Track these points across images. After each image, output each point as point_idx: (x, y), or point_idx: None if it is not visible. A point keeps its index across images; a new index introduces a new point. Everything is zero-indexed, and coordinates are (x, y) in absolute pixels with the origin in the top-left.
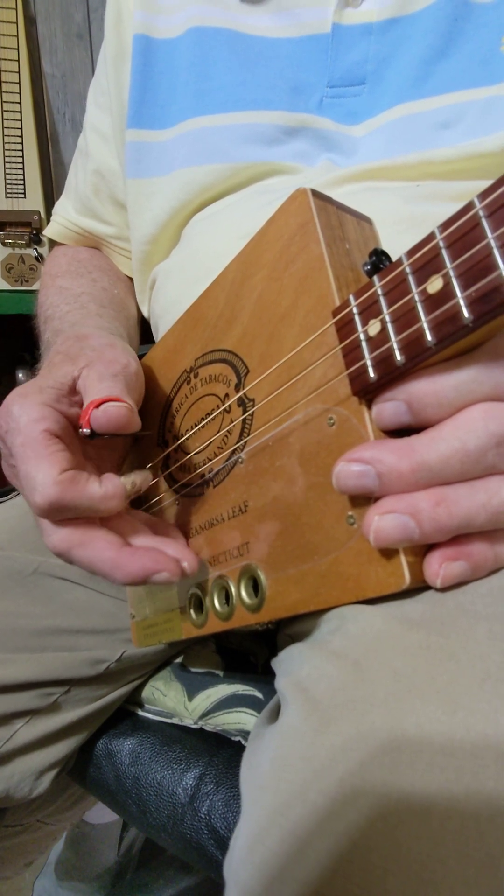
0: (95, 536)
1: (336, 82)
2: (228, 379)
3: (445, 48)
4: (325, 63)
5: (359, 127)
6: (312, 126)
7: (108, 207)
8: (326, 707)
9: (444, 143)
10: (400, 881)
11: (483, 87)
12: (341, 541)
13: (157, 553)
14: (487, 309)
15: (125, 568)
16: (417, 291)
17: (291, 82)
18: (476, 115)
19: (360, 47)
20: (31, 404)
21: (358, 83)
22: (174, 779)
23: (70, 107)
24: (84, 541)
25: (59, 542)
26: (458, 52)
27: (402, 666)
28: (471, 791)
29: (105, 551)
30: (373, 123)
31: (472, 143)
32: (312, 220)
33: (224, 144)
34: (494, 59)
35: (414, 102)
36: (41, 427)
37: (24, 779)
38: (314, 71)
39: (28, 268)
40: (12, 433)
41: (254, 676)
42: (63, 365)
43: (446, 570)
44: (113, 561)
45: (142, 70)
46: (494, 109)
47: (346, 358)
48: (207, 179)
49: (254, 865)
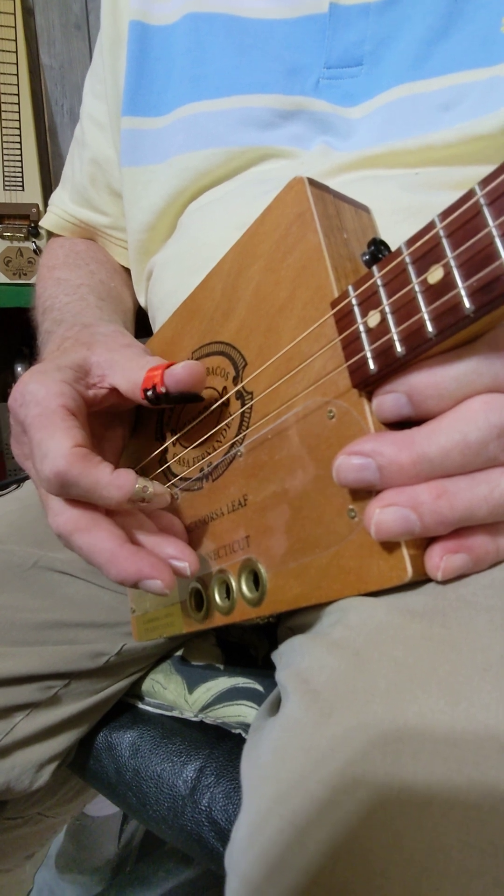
0: (100, 525)
1: (333, 63)
2: (226, 372)
3: (445, 29)
4: (321, 44)
5: (356, 109)
6: (308, 109)
7: (104, 197)
8: (327, 698)
9: (443, 125)
10: (401, 869)
11: (484, 67)
12: (342, 534)
13: (157, 560)
14: (489, 299)
15: (121, 564)
16: (417, 282)
17: (288, 64)
18: (477, 96)
19: (357, 27)
20: (50, 380)
21: (355, 64)
22: (174, 771)
23: (68, 98)
24: (88, 526)
25: (64, 524)
26: (458, 33)
27: (403, 656)
28: (473, 781)
29: (106, 542)
30: (370, 105)
31: (472, 124)
32: (309, 210)
33: (220, 129)
34: (495, 40)
35: (413, 84)
36: (59, 401)
37: (24, 771)
38: (311, 52)
39: (26, 261)
40: (28, 405)
41: (254, 669)
42: (76, 348)
43: (447, 562)
44: (111, 553)
45: (137, 57)
46: (495, 90)
47: (346, 350)
48: (204, 165)
49: (254, 854)
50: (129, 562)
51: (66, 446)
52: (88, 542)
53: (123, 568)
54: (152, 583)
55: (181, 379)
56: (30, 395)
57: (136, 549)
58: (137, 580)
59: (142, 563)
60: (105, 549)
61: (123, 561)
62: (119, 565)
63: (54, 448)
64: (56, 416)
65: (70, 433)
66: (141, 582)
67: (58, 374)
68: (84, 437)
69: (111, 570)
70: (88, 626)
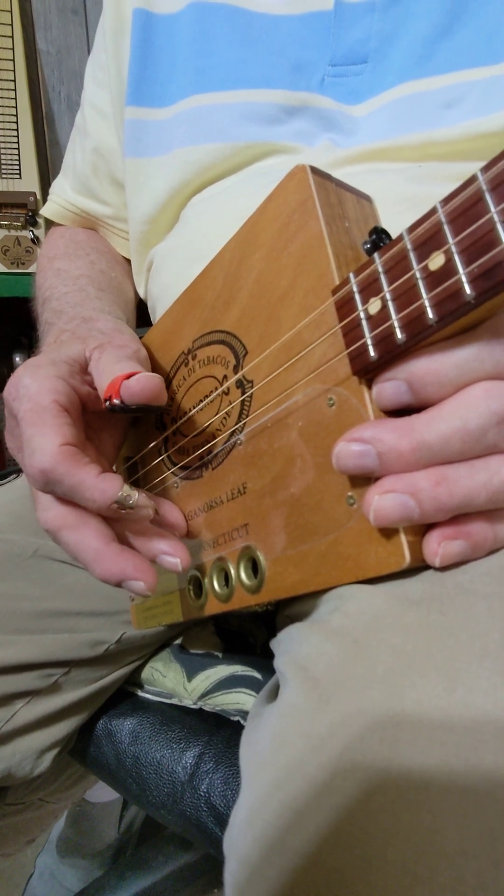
0: (88, 523)
1: (338, 61)
2: (227, 360)
3: (450, 26)
4: (327, 41)
5: (360, 106)
6: (313, 105)
7: (106, 187)
8: (326, 684)
9: (447, 122)
10: (399, 851)
11: (488, 65)
12: (341, 521)
13: (141, 562)
14: (490, 285)
15: (104, 564)
16: (419, 268)
17: (293, 60)
18: (480, 94)
19: (362, 24)
20: (43, 375)
21: (360, 62)
22: (174, 758)
23: (65, 84)
24: (76, 524)
25: (52, 520)
26: (463, 30)
27: (401, 643)
28: (470, 765)
29: (92, 540)
30: (375, 103)
31: (475, 123)
32: (311, 198)
33: (224, 123)
34: (500, 38)
35: (417, 81)
36: (52, 397)
37: (25, 758)
38: (316, 49)
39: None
40: (21, 399)
41: (253, 658)
42: (73, 343)
43: (445, 549)
44: (96, 552)
45: (141, 46)
46: (497, 89)
47: (346, 337)
48: (207, 159)
49: (253, 837)
50: (112, 562)
51: (54, 444)
52: (75, 539)
53: (107, 568)
54: (135, 584)
55: (135, 392)
56: (23, 390)
57: (122, 549)
58: (121, 580)
59: (125, 563)
60: (90, 548)
61: (107, 561)
62: (103, 565)
63: (42, 445)
64: (47, 412)
65: (60, 430)
66: (124, 582)
67: (52, 368)
68: (74, 435)
69: (95, 569)
70: (88, 615)
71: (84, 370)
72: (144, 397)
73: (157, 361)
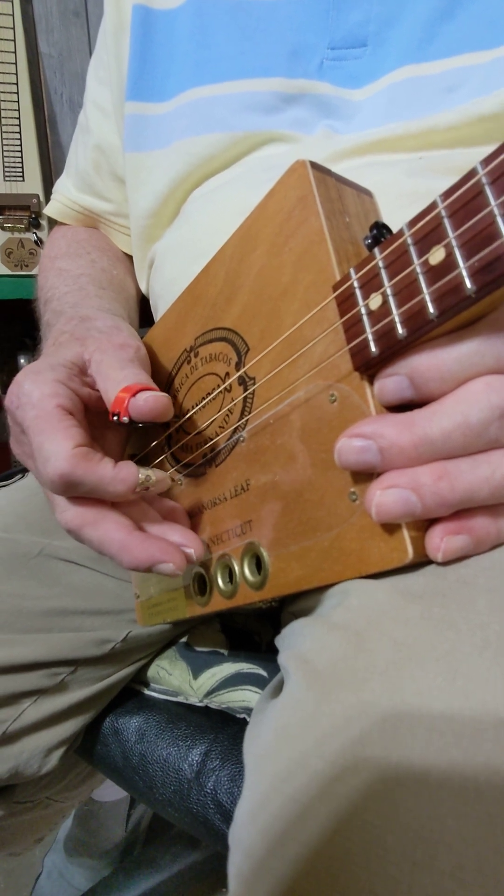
0: (107, 517)
1: (337, 44)
2: (229, 357)
3: (451, 9)
4: (325, 24)
5: (359, 91)
6: (311, 92)
7: (108, 184)
8: (328, 677)
9: (446, 106)
10: (399, 839)
11: (489, 49)
12: (343, 517)
13: (166, 544)
14: (490, 279)
15: (132, 552)
16: (419, 263)
17: (291, 46)
18: (480, 78)
19: (361, 7)
20: (43, 381)
21: (359, 45)
22: (180, 755)
23: (67, 87)
24: (96, 520)
25: (72, 520)
26: (463, 13)
27: (402, 636)
28: (469, 754)
29: (115, 532)
30: (374, 87)
31: (474, 104)
32: (311, 193)
33: (223, 114)
34: (501, 21)
35: (417, 65)
36: (55, 402)
37: (32, 756)
38: (315, 32)
39: (27, 252)
40: (24, 408)
41: (258, 655)
42: (71, 344)
43: (448, 543)
44: (122, 543)
45: (141, 41)
46: (498, 71)
47: (347, 333)
48: (207, 150)
49: (256, 829)
50: (139, 549)
51: (66, 448)
52: (98, 534)
53: (135, 555)
54: (164, 566)
55: (144, 412)
56: (25, 397)
57: (145, 535)
58: (151, 565)
59: (152, 548)
60: (115, 540)
61: (135, 548)
62: (131, 553)
63: (55, 451)
64: (53, 417)
65: (69, 433)
66: (154, 566)
67: (51, 373)
68: (83, 436)
69: (124, 558)
70: (94, 614)
71: (84, 372)
72: (152, 417)
73: (159, 359)
